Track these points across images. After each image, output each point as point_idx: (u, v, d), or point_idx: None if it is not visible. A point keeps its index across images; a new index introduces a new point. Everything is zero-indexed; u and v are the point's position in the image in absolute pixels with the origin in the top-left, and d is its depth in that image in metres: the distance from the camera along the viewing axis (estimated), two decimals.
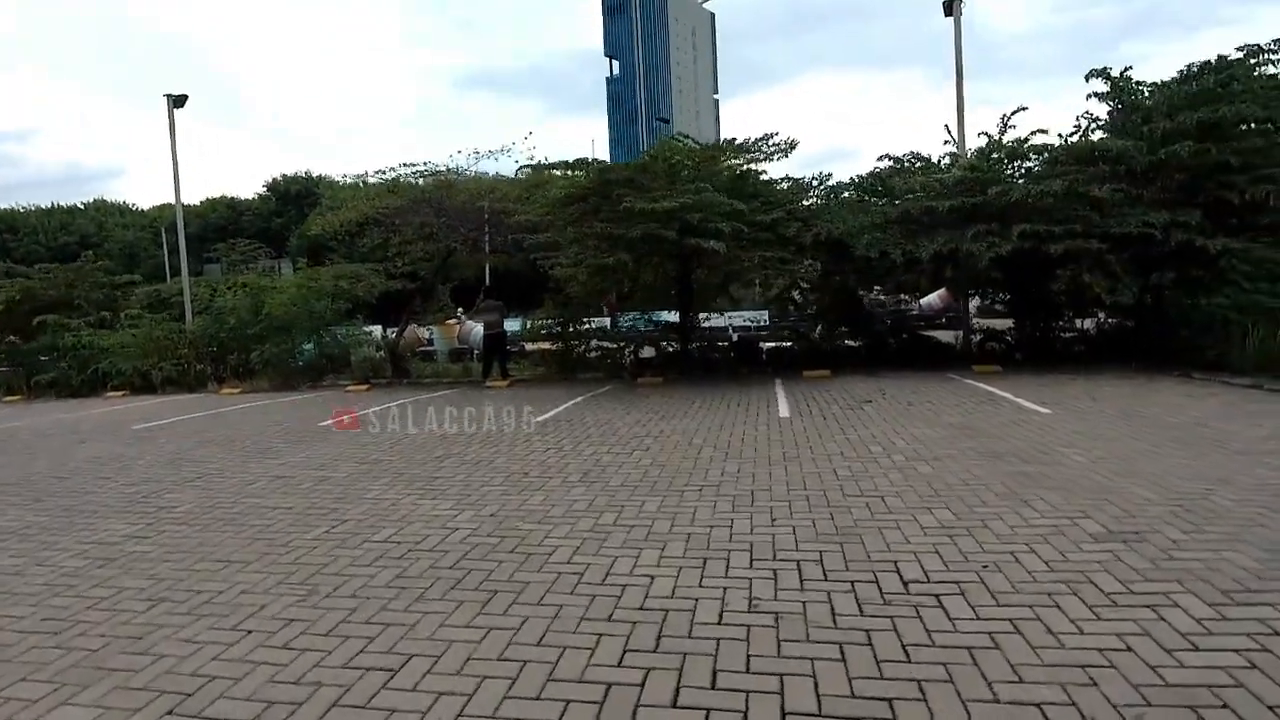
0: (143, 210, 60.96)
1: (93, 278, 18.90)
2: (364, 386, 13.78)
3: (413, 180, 13.62)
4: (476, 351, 18.80)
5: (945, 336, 15.01)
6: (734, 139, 12.46)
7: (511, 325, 21.90)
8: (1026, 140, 12.08)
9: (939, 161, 13.29)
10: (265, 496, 5.49)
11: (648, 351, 15.21)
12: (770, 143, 12.51)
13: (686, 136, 11.79)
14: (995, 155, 12.44)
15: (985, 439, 6.39)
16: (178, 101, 17.35)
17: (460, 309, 19.53)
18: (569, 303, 13.86)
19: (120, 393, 15.19)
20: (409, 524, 4.62)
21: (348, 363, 16.24)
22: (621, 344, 14.49)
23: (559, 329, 14.25)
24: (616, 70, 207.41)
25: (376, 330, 22.87)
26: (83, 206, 59.35)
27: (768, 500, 4.79)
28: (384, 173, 13.21)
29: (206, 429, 9.26)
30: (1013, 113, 12.50)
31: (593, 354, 14.68)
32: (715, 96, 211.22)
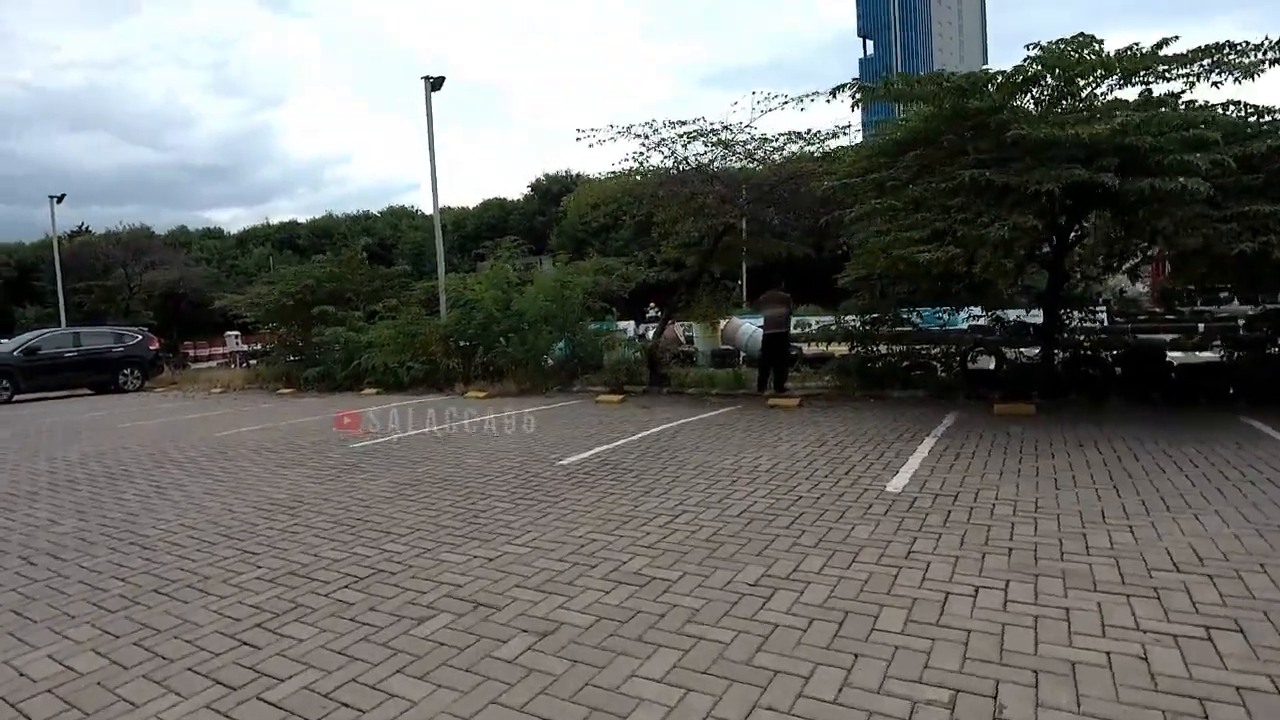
0: (428, 215, 67.03)
1: (361, 269, 18.82)
2: (617, 397, 11.31)
3: (675, 141, 10.80)
4: (744, 355, 15.81)
5: None
6: (1169, 41, 7.85)
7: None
8: None
9: None
10: (427, 671, 2.71)
11: (979, 360, 11.09)
12: (1234, 51, 7.72)
13: (1090, 37, 7.50)
14: None
15: None
16: (435, 84, 16.40)
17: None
18: (884, 292, 10.19)
19: (374, 390, 14.38)
20: None
21: (599, 365, 14.08)
22: (956, 349, 10.51)
23: (868, 327, 10.64)
24: (870, 50, 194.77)
25: (629, 327, 20.87)
26: (378, 214, 66.72)
27: None
28: (647, 131, 10.58)
29: (427, 455, 7.13)
30: None
31: (904, 364, 10.89)
32: (985, 70, 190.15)
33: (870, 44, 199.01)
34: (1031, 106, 8.14)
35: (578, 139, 10.46)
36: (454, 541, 4.31)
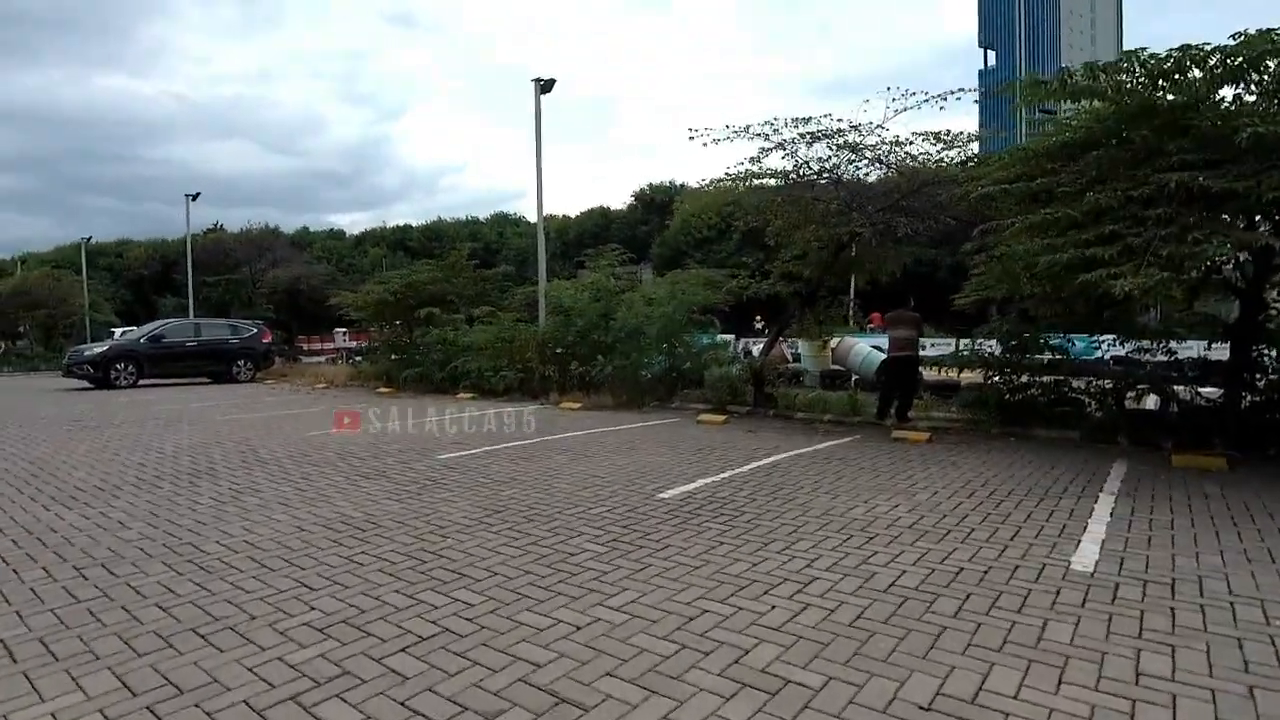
0: (532, 221, 68.32)
1: (466, 272, 18.78)
2: (720, 417, 10.46)
3: (797, 142, 9.87)
4: (855, 378, 14.63)
5: None
6: None
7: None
8: None
9: None
10: None
11: (1138, 399, 9.57)
12: None
13: None
14: None
15: None
16: (545, 87, 16.13)
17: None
18: (1032, 314, 8.96)
19: (469, 395, 14.13)
20: None
21: (699, 380, 13.29)
22: (1116, 384, 9.10)
23: (1009, 355, 9.38)
24: (992, 61, 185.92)
25: (729, 342, 19.96)
26: (484, 220, 68.47)
27: None
28: (767, 131, 9.69)
29: (515, 475, 6.52)
30: None
31: (1049, 398, 9.52)
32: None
33: (991, 55, 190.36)
34: (1228, 101, 6.81)
35: (691, 138, 9.76)
36: (536, 596, 3.60)
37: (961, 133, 9.41)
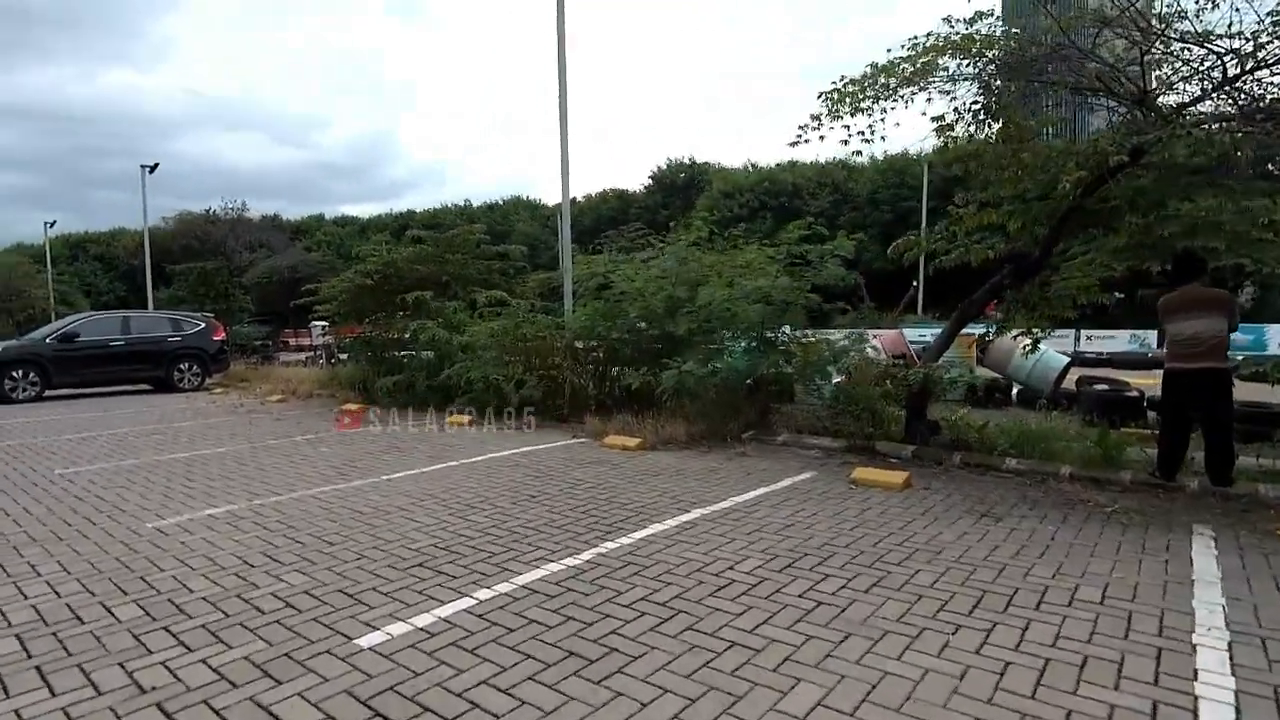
0: (545, 205, 63.75)
1: (464, 249, 14.45)
2: (896, 477, 6.07)
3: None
4: (1018, 390, 10.24)
5: None
6: None
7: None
8: None
9: None
10: None
11: None
12: None
13: None
14: None
15: None
16: None
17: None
18: None
19: (466, 416, 9.77)
20: None
21: (787, 393, 9.03)
22: None
23: None
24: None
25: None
26: (491, 204, 64.09)
27: None
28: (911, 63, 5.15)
29: (574, 666, 2.23)
30: None
31: None
32: None
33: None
34: None
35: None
36: None
37: None
